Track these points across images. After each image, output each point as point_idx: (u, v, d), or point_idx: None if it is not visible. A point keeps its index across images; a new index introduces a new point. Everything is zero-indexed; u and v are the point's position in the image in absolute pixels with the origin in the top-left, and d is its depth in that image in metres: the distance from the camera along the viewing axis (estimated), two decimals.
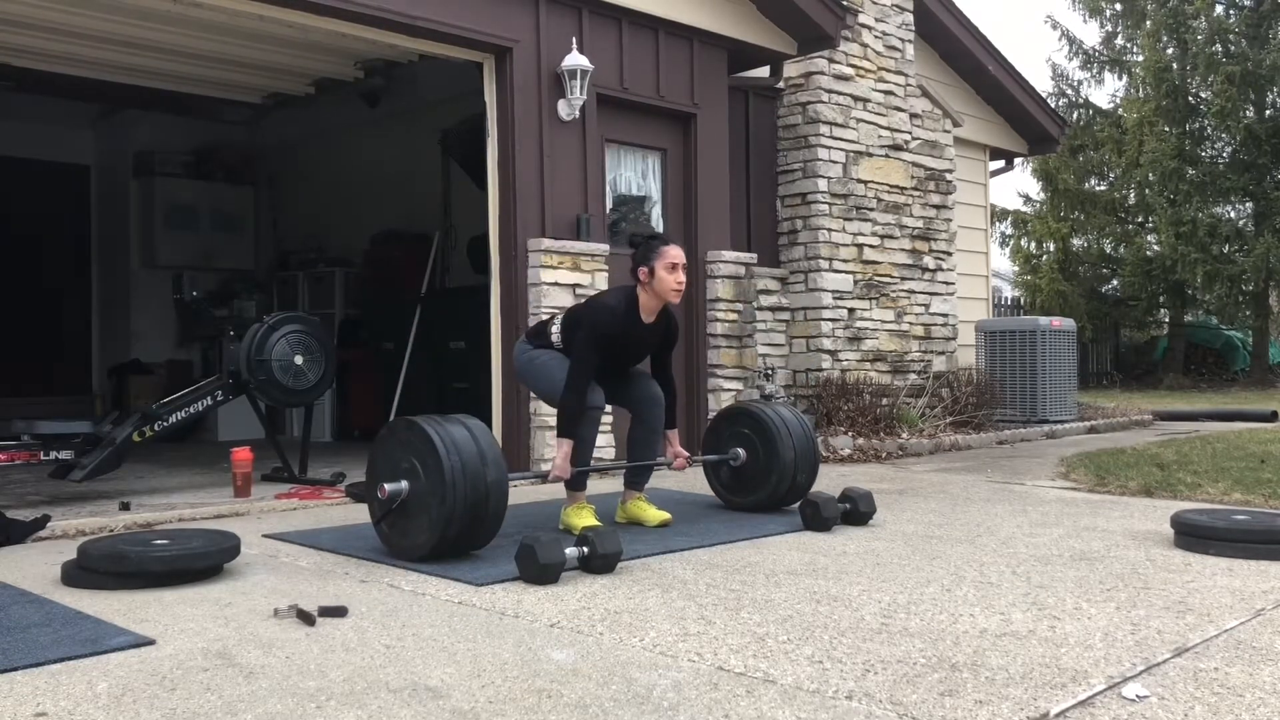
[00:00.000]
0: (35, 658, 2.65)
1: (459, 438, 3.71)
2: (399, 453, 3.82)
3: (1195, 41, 18.73)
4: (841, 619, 3.00)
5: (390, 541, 3.88)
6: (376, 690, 2.42)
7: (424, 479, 3.70)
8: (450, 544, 3.69)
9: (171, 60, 7.42)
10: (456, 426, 3.77)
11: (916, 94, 9.24)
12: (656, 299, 4.45)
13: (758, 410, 4.98)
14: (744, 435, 4.95)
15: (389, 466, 3.85)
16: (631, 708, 2.28)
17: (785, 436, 4.81)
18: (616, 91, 6.78)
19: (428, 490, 3.69)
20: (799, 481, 4.83)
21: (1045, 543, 4.14)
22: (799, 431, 4.86)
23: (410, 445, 3.77)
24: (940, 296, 9.38)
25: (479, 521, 3.71)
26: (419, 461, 3.72)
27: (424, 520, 3.71)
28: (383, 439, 3.95)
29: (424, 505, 3.71)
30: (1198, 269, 18.05)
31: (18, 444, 5.30)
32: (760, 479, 4.87)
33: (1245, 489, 5.36)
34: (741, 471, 4.95)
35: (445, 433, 3.71)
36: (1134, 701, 2.31)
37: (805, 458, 4.84)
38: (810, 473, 4.90)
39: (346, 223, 9.97)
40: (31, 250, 10.41)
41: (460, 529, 3.67)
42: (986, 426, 8.72)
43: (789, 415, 4.94)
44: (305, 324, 6.14)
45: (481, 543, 3.82)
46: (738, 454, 4.94)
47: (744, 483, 4.97)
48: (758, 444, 4.89)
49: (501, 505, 3.77)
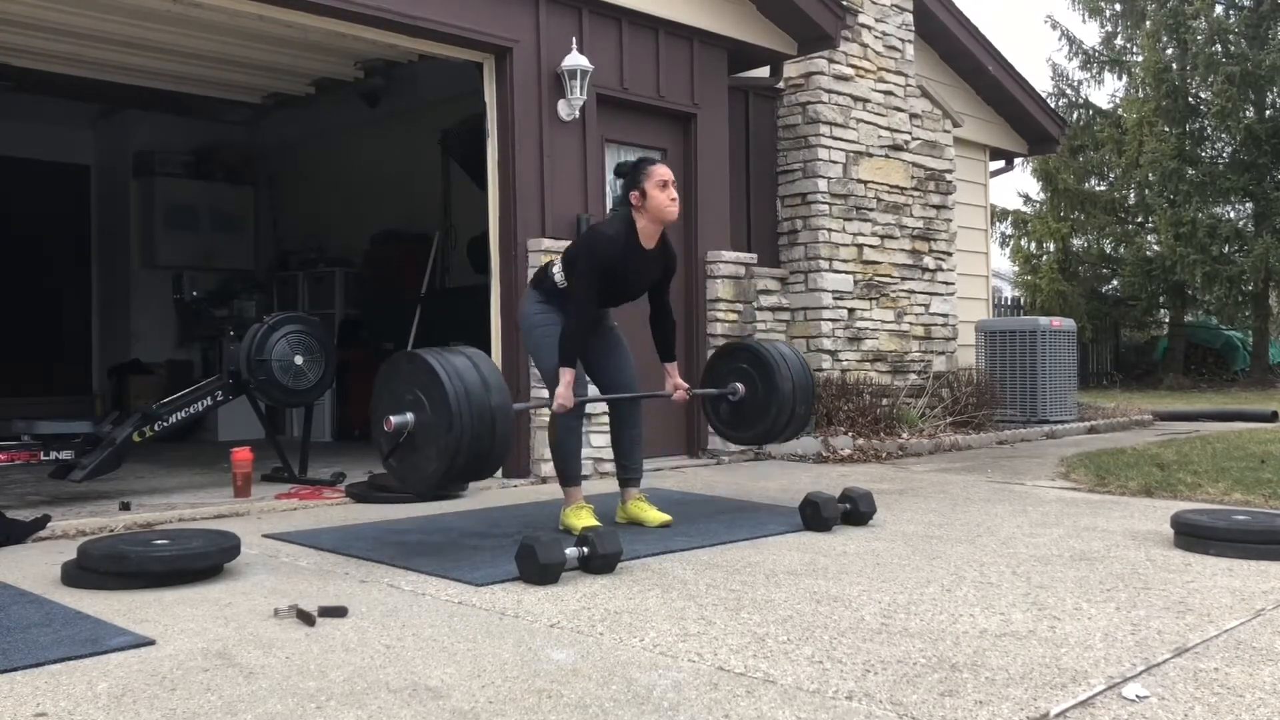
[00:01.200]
0: (35, 658, 2.65)
1: (461, 366, 3.73)
2: (402, 386, 3.83)
3: (1195, 42, 18.72)
4: (841, 619, 3.00)
5: (400, 475, 3.89)
6: (376, 690, 2.42)
7: (429, 409, 3.71)
8: (460, 471, 3.72)
9: (171, 60, 7.42)
10: (458, 356, 3.79)
11: (916, 94, 9.24)
12: (653, 221, 4.42)
13: (755, 345, 4.99)
14: (742, 370, 4.94)
15: (393, 400, 3.85)
16: (631, 708, 2.28)
17: (783, 369, 4.81)
18: (616, 91, 6.79)
19: (434, 420, 3.70)
20: (798, 413, 4.83)
21: (1045, 543, 4.14)
22: (796, 364, 4.88)
23: (413, 377, 3.79)
24: (940, 296, 9.38)
25: (485, 452, 3.73)
26: (423, 393, 3.73)
27: (432, 450, 3.73)
28: (385, 374, 3.95)
29: (431, 435, 3.72)
30: (1197, 269, 18.04)
31: (18, 444, 5.30)
32: (759, 412, 4.87)
33: (1245, 489, 5.36)
34: (740, 406, 4.94)
35: (447, 362, 3.73)
36: (1134, 702, 2.31)
37: (803, 389, 4.84)
38: (808, 405, 4.90)
39: (346, 223, 9.98)
40: (31, 250, 10.41)
41: (469, 456, 3.68)
42: (986, 426, 8.72)
43: (786, 349, 4.96)
44: (305, 324, 6.14)
45: (490, 469, 3.86)
46: (736, 389, 4.93)
47: (743, 417, 4.96)
48: (756, 378, 4.88)
49: (507, 434, 3.79)
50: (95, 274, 11.01)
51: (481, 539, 4.26)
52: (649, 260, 4.50)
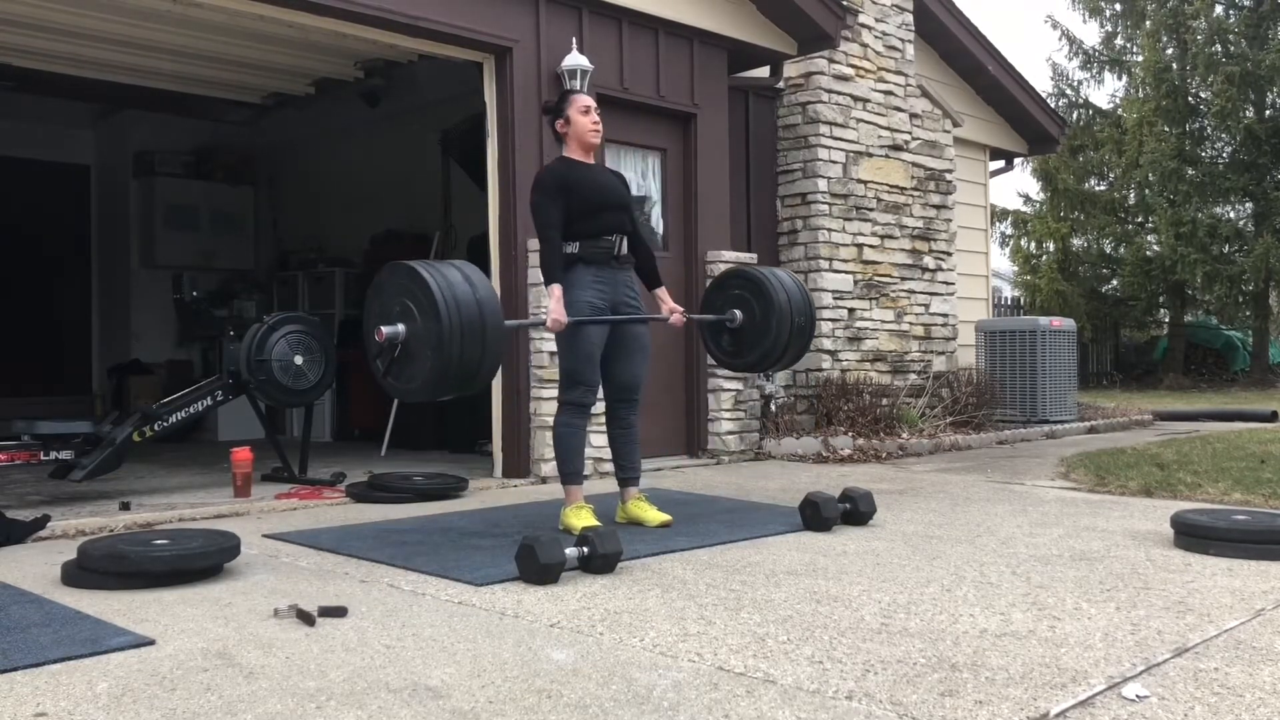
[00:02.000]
0: (35, 658, 2.65)
1: (452, 277, 3.75)
2: (392, 298, 3.83)
3: (1195, 42, 18.72)
4: (841, 619, 3.00)
5: (398, 389, 3.90)
6: (376, 690, 2.42)
7: (419, 319, 3.73)
8: (453, 380, 3.73)
9: (171, 60, 7.42)
10: (448, 268, 3.81)
11: (916, 94, 9.24)
12: (581, 145, 4.55)
13: (747, 269, 4.98)
14: (738, 296, 4.93)
15: (384, 313, 3.86)
16: (631, 708, 2.28)
17: (778, 286, 4.80)
18: (616, 91, 6.78)
19: (424, 328, 3.71)
20: (798, 324, 4.79)
21: (1045, 543, 4.14)
22: (790, 282, 4.86)
23: (404, 289, 3.79)
24: (940, 296, 9.38)
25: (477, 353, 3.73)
26: (412, 302, 3.75)
27: (424, 358, 3.74)
28: (376, 286, 3.95)
29: (423, 343, 3.73)
30: (1197, 269, 18.04)
31: (18, 444, 5.30)
32: (760, 334, 4.83)
33: (1245, 489, 5.36)
34: (740, 332, 4.92)
35: (436, 271, 3.75)
36: (1134, 701, 2.31)
37: (800, 304, 4.81)
38: (807, 316, 4.85)
39: (346, 223, 9.97)
40: (32, 250, 10.41)
41: (460, 364, 3.70)
42: (986, 426, 8.72)
43: (785, 275, 4.94)
44: (305, 324, 6.14)
45: (484, 378, 3.88)
46: (734, 315, 4.91)
47: (744, 341, 4.92)
48: (752, 300, 4.86)
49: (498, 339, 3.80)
50: (95, 274, 11.01)
51: (481, 539, 4.26)
52: (602, 178, 4.61)
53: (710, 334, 5.08)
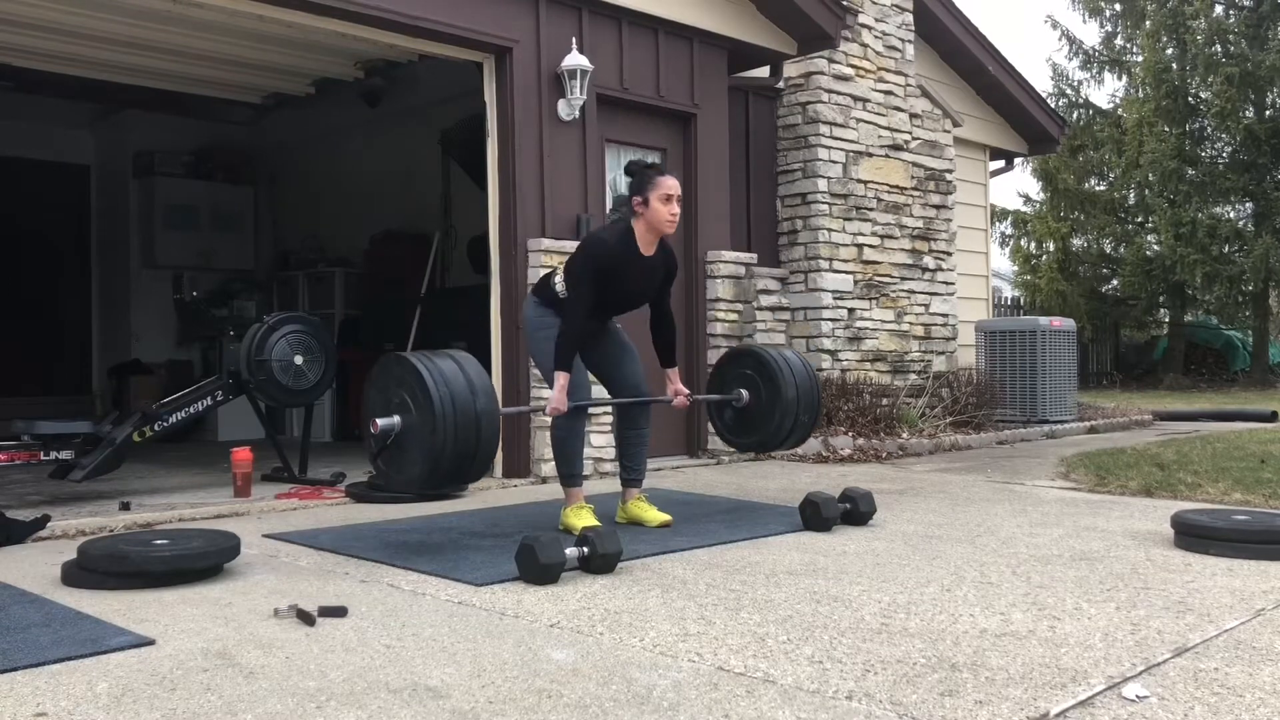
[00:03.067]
0: (35, 658, 2.65)
1: (448, 371, 3.77)
2: (391, 388, 3.87)
3: (1195, 42, 18.72)
4: (841, 619, 3.00)
5: (387, 477, 3.94)
6: (376, 690, 2.42)
7: (415, 412, 3.75)
8: (445, 475, 3.76)
9: (171, 60, 7.42)
10: (445, 360, 3.83)
11: (916, 94, 9.24)
12: (651, 230, 4.43)
13: (760, 351, 4.95)
14: (747, 376, 4.91)
15: (381, 402, 3.90)
16: (631, 708, 2.28)
17: (788, 376, 4.78)
18: (616, 91, 6.79)
19: (419, 422, 3.74)
20: (802, 420, 4.80)
21: (1045, 543, 4.14)
22: (801, 372, 4.85)
23: (401, 380, 3.83)
24: (940, 296, 9.38)
25: (470, 455, 3.76)
26: (409, 396, 3.78)
27: (417, 454, 3.77)
28: (374, 377, 3.99)
29: (417, 439, 3.77)
30: (1197, 269, 18.04)
31: (18, 444, 5.30)
32: (764, 419, 4.84)
33: (1245, 489, 5.36)
34: (745, 412, 4.92)
35: (434, 366, 3.77)
36: (1134, 701, 2.31)
37: (808, 397, 4.81)
38: (813, 412, 4.86)
39: (346, 223, 9.97)
40: (32, 250, 10.41)
41: (452, 463, 3.72)
42: (986, 426, 8.72)
43: (792, 356, 4.93)
44: (305, 324, 6.14)
45: (476, 474, 3.90)
46: (741, 395, 4.90)
47: (747, 423, 4.93)
48: (760, 384, 4.85)
49: (493, 438, 3.82)
50: (95, 274, 11.01)
51: (481, 539, 4.26)
52: (648, 267, 4.50)
53: (715, 407, 5.09)
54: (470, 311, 7.16)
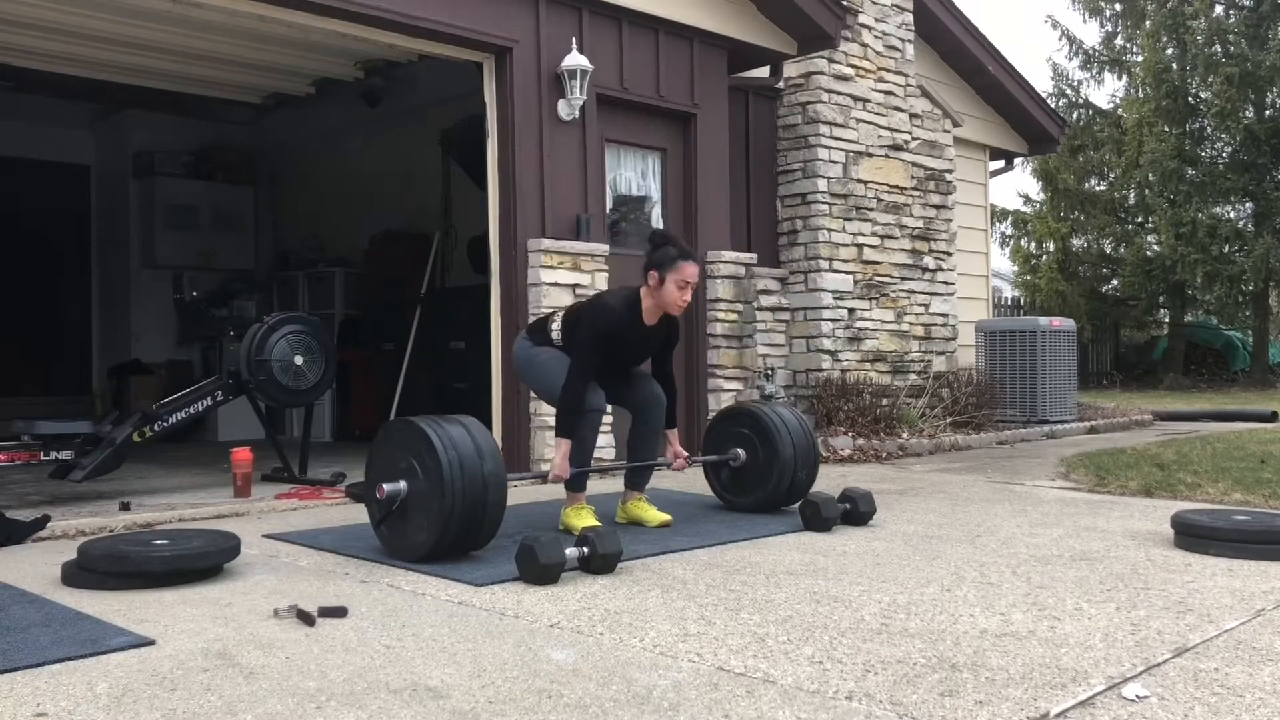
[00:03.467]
0: (35, 658, 2.65)
1: (456, 436, 3.71)
2: (397, 453, 3.81)
3: (1195, 42, 18.72)
4: (841, 619, 3.00)
5: (389, 543, 3.87)
6: (376, 690, 2.42)
7: (422, 478, 3.70)
8: (449, 544, 3.68)
9: (171, 60, 7.42)
10: (454, 425, 3.77)
11: (916, 94, 9.24)
12: (659, 306, 4.44)
13: (757, 410, 4.97)
14: (743, 435, 4.93)
15: (387, 467, 3.85)
16: (631, 708, 2.28)
17: (785, 435, 4.80)
18: (616, 91, 6.78)
19: (426, 490, 3.68)
20: (799, 479, 4.82)
21: (1045, 543, 4.14)
22: (798, 430, 4.86)
23: (407, 445, 3.77)
24: (940, 296, 9.38)
25: (477, 520, 3.70)
26: (416, 461, 3.71)
27: (422, 520, 3.71)
28: (380, 440, 3.95)
29: (422, 505, 3.71)
30: (1197, 269, 18.05)
31: (18, 444, 5.30)
32: (761, 479, 4.86)
33: (1245, 489, 5.36)
34: (742, 472, 4.94)
35: (443, 431, 3.71)
36: (1134, 702, 2.31)
37: (805, 456, 4.84)
38: (810, 470, 4.89)
39: (346, 223, 9.97)
40: (31, 250, 10.41)
41: (459, 528, 3.66)
42: (986, 426, 8.72)
43: (788, 414, 4.94)
44: (305, 324, 6.14)
45: (481, 542, 3.82)
46: (737, 454, 4.93)
47: (744, 483, 4.96)
48: (757, 444, 4.88)
49: (500, 503, 3.76)
50: (95, 274, 11.01)
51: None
52: (650, 334, 4.52)
53: (712, 467, 5.09)
54: (470, 311, 7.17)
